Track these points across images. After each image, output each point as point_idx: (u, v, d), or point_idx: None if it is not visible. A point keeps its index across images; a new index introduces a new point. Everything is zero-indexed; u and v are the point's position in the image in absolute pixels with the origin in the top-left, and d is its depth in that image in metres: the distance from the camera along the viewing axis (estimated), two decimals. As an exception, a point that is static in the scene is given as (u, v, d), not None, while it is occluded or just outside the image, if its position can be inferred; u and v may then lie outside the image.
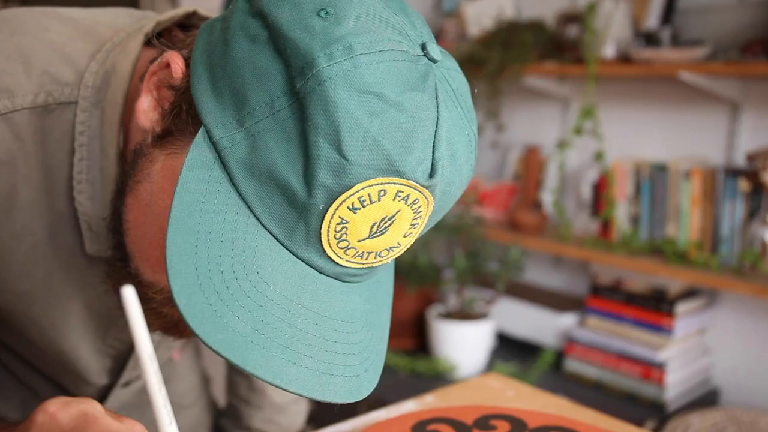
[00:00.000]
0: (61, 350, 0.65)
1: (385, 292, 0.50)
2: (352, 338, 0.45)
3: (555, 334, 2.05)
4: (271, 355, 0.40)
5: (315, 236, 0.42)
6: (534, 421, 0.62)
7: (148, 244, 0.50)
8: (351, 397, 0.43)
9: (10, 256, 0.57)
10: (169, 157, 0.48)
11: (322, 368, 0.42)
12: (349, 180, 0.40)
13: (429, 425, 0.61)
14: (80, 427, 0.34)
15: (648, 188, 1.88)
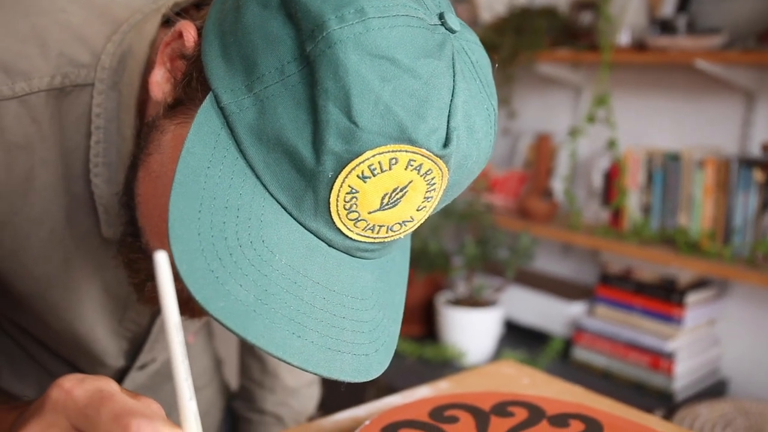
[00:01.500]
0: (78, 333, 0.65)
1: (399, 272, 0.49)
2: (361, 315, 0.43)
3: (563, 323, 2.04)
4: (275, 326, 0.39)
5: (324, 206, 0.41)
6: (552, 408, 0.62)
7: (158, 216, 0.49)
8: (359, 377, 0.42)
9: (28, 240, 0.56)
10: (178, 126, 0.47)
11: (329, 344, 0.41)
12: (359, 147, 0.39)
13: (446, 411, 0.61)
14: (95, 404, 0.34)
15: (660, 177, 1.86)
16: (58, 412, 0.34)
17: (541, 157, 2.13)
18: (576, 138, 2.00)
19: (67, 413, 0.34)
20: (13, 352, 0.75)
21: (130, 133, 0.55)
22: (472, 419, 0.59)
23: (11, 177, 0.53)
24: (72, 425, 0.34)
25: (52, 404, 0.34)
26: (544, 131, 2.21)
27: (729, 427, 1.55)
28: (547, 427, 0.59)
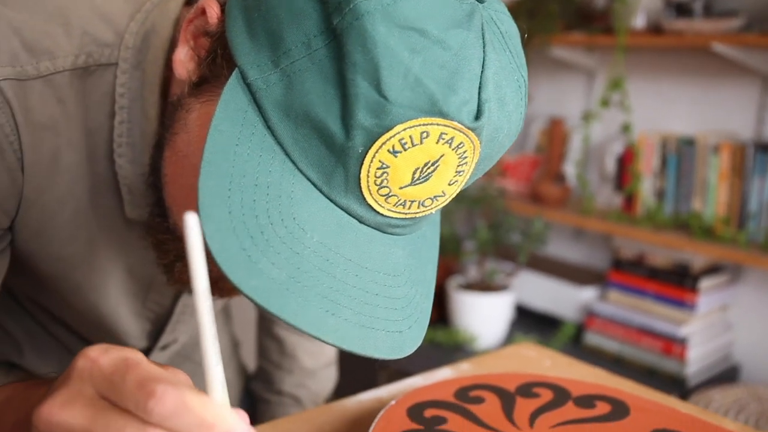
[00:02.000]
0: (102, 313, 0.65)
1: (430, 248, 0.49)
2: (394, 292, 0.43)
3: (575, 308, 2.04)
4: (309, 304, 0.38)
5: (354, 182, 0.41)
6: (577, 390, 0.62)
7: (186, 196, 0.49)
8: (393, 354, 0.41)
9: (53, 221, 0.56)
10: (204, 104, 0.47)
11: (363, 321, 0.40)
12: (389, 121, 0.38)
13: (471, 391, 0.60)
14: (121, 371, 0.33)
15: (674, 162, 1.85)
16: (84, 380, 0.34)
17: (554, 142, 2.12)
18: (589, 122, 1.99)
19: (93, 381, 0.34)
20: (36, 332, 0.75)
21: (154, 113, 0.54)
22: (498, 400, 0.59)
23: (37, 157, 0.53)
24: (98, 393, 0.34)
25: (78, 373, 0.34)
26: (556, 115, 2.20)
27: (742, 412, 1.55)
28: (573, 408, 0.58)
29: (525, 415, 0.57)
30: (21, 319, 0.75)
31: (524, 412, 0.57)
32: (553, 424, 0.55)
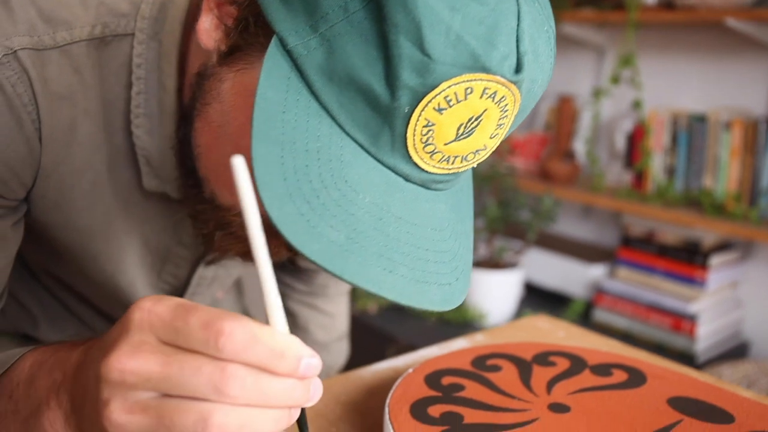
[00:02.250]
0: (119, 285, 0.66)
1: (467, 202, 0.50)
2: (441, 246, 0.44)
3: (584, 285, 2.04)
4: (368, 263, 0.40)
5: (400, 141, 0.41)
6: (593, 359, 0.62)
7: (224, 165, 0.49)
8: (446, 305, 0.43)
9: (71, 191, 0.56)
10: (239, 73, 0.47)
11: (417, 276, 0.42)
12: (434, 79, 0.39)
13: (488, 360, 0.61)
14: (182, 315, 0.34)
15: (685, 139, 1.84)
16: (144, 330, 0.34)
17: (563, 119, 2.11)
18: (599, 99, 1.97)
19: (153, 330, 0.34)
20: (50, 304, 0.76)
21: (171, 84, 0.54)
22: (515, 368, 0.59)
23: (55, 128, 0.53)
24: (160, 341, 0.34)
25: (137, 324, 0.35)
26: (566, 93, 2.19)
27: (752, 387, 1.55)
28: (590, 376, 0.59)
29: (542, 382, 0.57)
30: (36, 291, 0.75)
31: (541, 380, 0.57)
32: (571, 391, 0.56)
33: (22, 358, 0.45)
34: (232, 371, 0.33)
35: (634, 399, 0.55)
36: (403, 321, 2.00)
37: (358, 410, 0.59)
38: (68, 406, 0.40)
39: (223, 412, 0.33)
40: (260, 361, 0.34)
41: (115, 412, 0.34)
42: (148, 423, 0.34)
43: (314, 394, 0.36)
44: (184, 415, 0.33)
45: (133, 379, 0.34)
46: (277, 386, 0.34)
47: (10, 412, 0.43)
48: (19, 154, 0.51)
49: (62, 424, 0.40)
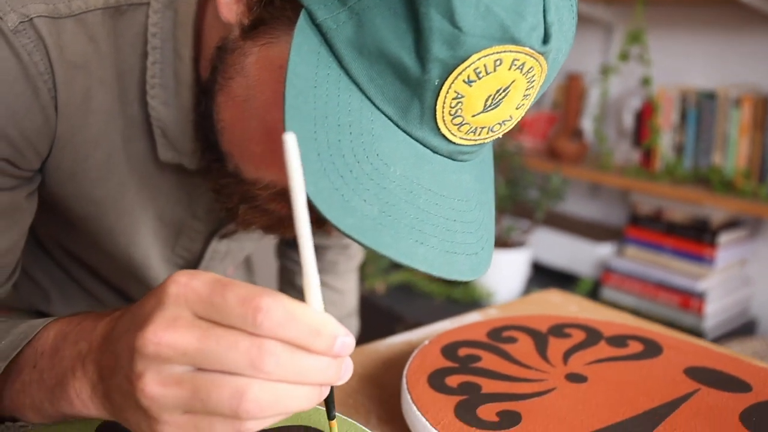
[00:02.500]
0: (133, 259, 0.66)
1: (488, 172, 0.50)
2: (468, 217, 0.44)
3: (591, 264, 2.04)
4: (400, 236, 0.40)
5: (430, 114, 0.41)
6: (608, 330, 0.62)
7: (249, 140, 0.49)
8: (473, 274, 0.43)
9: (86, 163, 0.56)
10: (264, 47, 0.46)
11: (446, 247, 0.42)
12: (465, 51, 0.39)
13: (504, 332, 0.61)
14: (219, 291, 0.34)
15: (694, 116, 1.83)
16: (180, 304, 0.34)
17: (571, 97, 2.09)
18: (607, 77, 1.96)
19: (189, 304, 0.34)
20: (63, 281, 0.76)
21: (187, 53, 0.54)
22: (531, 340, 0.59)
23: (70, 97, 0.52)
24: (196, 315, 0.34)
25: (173, 298, 0.35)
26: (573, 71, 2.17)
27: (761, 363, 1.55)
28: (606, 347, 0.59)
29: (559, 353, 0.57)
30: (48, 267, 0.75)
31: (558, 351, 0.57)
32: (588, 362, 0.56)
33: (45, 328, 0.45)
34: (268, 347, 0.33)
35: (651, 369, 0.55)
36: (411, 300, 2.00)
37: (374, 382, 0.59)
38: (95, 376, 0.40)
39: (257, 387, 0.34)
40: (297, 339, 0.34)
41: (149, 385, 0.34)
42: (183, 396, 0.34)
43: (345, 373, 0.36)
44: (219, 389, 0.34)
45: (169, 352, 0.34)
46: (311, 364, 0.34)
47: (34, 382, 0.43)
48: (35, 123, 0.51)
49: (89, 394, 0.40)
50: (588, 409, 0.48)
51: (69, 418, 0.43)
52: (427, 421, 0.46)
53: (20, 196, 0.54)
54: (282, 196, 0.51)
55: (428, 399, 0.49)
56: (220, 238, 0.68)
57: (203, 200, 0.64)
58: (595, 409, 0.48)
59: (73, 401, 0.41)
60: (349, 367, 0.36)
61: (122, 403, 0.37)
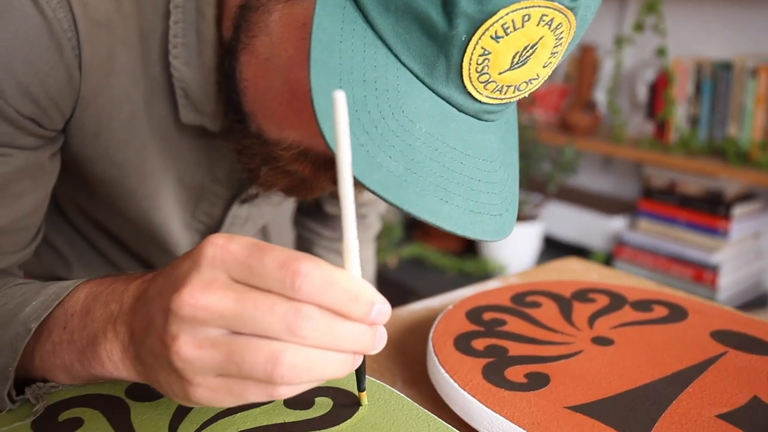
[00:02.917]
0: (153, 223, 0.65)
1: (513, 133, 0.49)
2: (492, 177, 0.44)
3: (604, 238, 2.03)
4: (425, 193, 0.40)
5: (456, 71, 0.41)
6: (632, 295, 0.62)
7: (272, 99, 0.48)
8: (498, 235, 0.43)
9: (110, 123, 0.56)
10: (288, 5, 0.46)
11: (471, 206, 0.42)
12: (492, 6, 0.38)
13: (527, 297, 0.60)
14: (257, 254, 0.33)
15: (709, 87, 1.81)
16: (216, 267, 0.34)
17: (584, 69, 2.07)
18: (622, 48, 1.94)
19: (226, 267, 0.34)
20: (83, 248, 0.76)
21: (210, 12, 0.53)
22: (555, 304, 0.59)
23: (94, 56, 0.52)
24: (233, 278, 0.34)
25: (210, 260, 0.34)
26: (587, 42, 2.15)
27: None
28: (631, 312, 0.58)
29: (584, 317, 0.57)
30: (69, 236, 0.75)
31: (583, 315, 0.57)
32: (613, 326, 0.55)
33: (75, 289, 0.44)
34: (306, 312, 0.33)
35: (677, 333, 0.55)
36: (423, 274, 2.01)
37: (397, 347, 0.59)
38: (126, 337, 0.40)
39: (293, 351, 0.33)
40: (334, 304, 0.34)
41: (184, 347, 0.34)
42: (217, 359, 0.34)
43: (379, 342, 0.36)
44: (255, 352, 0.33)
45: (205, 315, 0.34)
46: (347, 330, 0.34)
47: (65, 342, 0.43)
48: (59, 81, 0.50)
49: (120, 356, 0.40)
50: (616, 371, 0.48)
51: (99, 379, 0.43)
52: (455, 383, 0.46)
53: (44, 156, 0.53)
54: (304, 156, 0.51)
55: (455, 361, 0.49)
56: (240, 203, 0.67)
57: (224, 164, 0.63)
58: (623, 371, 0.48)
59: (104, 362, 0.41)
60: (383, 336, 0.36)
61: (154, 365, 0.37)
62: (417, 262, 2.06)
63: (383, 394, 0.45)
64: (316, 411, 0.43)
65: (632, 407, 0.44)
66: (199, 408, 0.43)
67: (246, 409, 0.42)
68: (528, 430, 0.41)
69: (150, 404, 0.43)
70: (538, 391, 0.45)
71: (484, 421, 0.44)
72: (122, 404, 0.43)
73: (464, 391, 0.45)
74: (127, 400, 0.44)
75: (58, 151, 0.56)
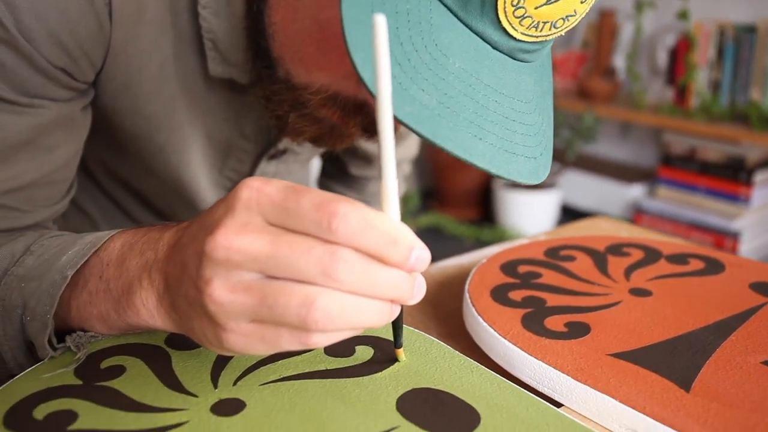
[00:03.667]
0: (182, 180, 0.65)
1: (548, 78, 0.48)
2: (527, 119, 0.43)
3: (622, 206, 2.02)
4: (458, 129, 0.39)
5: (491, 4, 0.40)
6: (667, 249, 0.61)
7: (301, 41, 0.48)
8: (532, 178, 0.42)
9: (139, 74, 0.55)
10: None
11: (505, 146, 0.41)
12: None
13: (561, 251, 0.60)
14: (293, 196, 0.33)
15: (732, 51, 1.78)
16: (252, 209, 0.33)
17: (603, 35, 2.04)
18: (642, 12, 1.91)
19: (261, 209, 0.33)
20: (113, 211, 0.76)
21: None
22: (589, 258, 0.59)
23: (124, 5, 0.51)
24: (268, 221, 0.33)
25: (245, 203, 0.34)
26: (606, 7, 2.11)
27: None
28: (667, 265, 0.58)
29: (619, 270, 0.56)
30: (95, 195, 0.75)
31: (618, 268, 0.57)
32: (650, 278, 0.55)
33: (111, 239, 0.44)
34: (342, 254, 0.32)
35: (716, 284, 0.54)
36: (440, 242, 2.00)
37: (430, 302, 0.58)
38: (161, 285, 0.39)
39: (328, 296, 0.32)
40: (372, 247, 0.32)
41: (218, 290, 0.33)
42: (251, 303, 0.33)
43: (418, 291, 0.35)
44: (289, 296, 0.32)
45: (240, 257, 0.33)
46: (385, 275, 0.33)
47: (101, 292, 0.43)
48: (89, 31, 0.50)
49: (155, 304, 0.40)
50: (657, 321, 0.48)
51: (135, 329, 0.43)
52: (495, 332, 0.46)
53: (76, 109, 0.53)
54: (333, 101, 0.50)
55: (493, 312, 0.48)
56: (268, 159, 0.67)
57: (252, 119, 0.63)
58: (664, 321, 0.48)
59: (139, 311, 0.41)
60: (422, 287, 0.35)
61: (188, 312, 0.36)
62: (434, 231, 2.06)
63: (424, 343, 0.45)
64: (357, 359, 0.43)
65: (676, 354, 0.43)
66: (241, 356, 0.42)
67: (288, 357, 0.42)
68: (572, 377, 0.41)
69: (191, 353, 0.43)
70: (580, 339, 0.45)
71: (526, 369, 0.43)
72: (163, 353, 0.43)
73: (505, 340, 0.45)
74: (167, 349, 0.44)
75: (89, 105, 0.56)
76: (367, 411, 0.37)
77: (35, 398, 0.38)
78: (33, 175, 0.52)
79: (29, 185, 0.52)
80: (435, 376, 0.41)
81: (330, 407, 0.37)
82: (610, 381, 0.41)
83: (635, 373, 0.41)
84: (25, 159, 0.51)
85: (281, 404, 0.38)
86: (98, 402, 0.38)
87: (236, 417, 0.36)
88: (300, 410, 0.37)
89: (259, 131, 0.64)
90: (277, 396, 0.38)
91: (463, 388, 0.40)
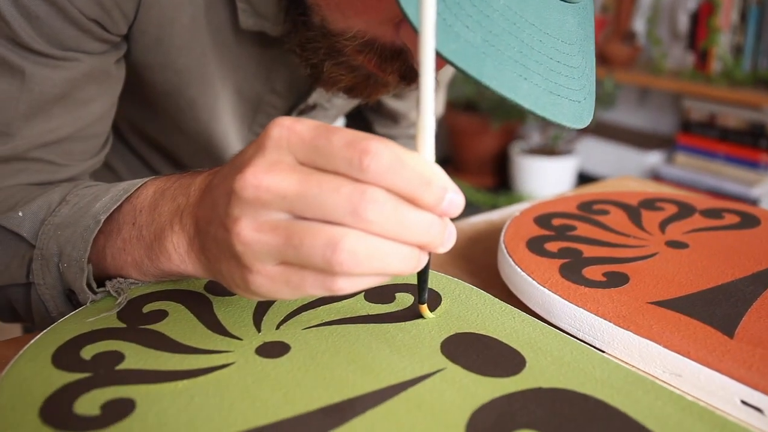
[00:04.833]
0: (212, 136, 0.65)
1: (590, 23, 0.47)
2: (571, 61, 0.42)
3: (640, 173, 2.01)
4: (503, 67, 0.38)
5: None
6: (701, 204, 0.61)
7: None
8: (577, 122, 0.41)
9: (171, 27, 0.55)
10: None
11: (550, 87, 0.40)
12: None
13: (594, 205, 0.60)
14: (324, 134, 0.32)
15: (756, 15, 1.75)
16: (282, 148, 0.33)
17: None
18: (664, -25, 1.87)
19: (291, 148, 0.33)
20: (142, 171, 0.76)
21: None
22: (623, 212, 0.58)
23: None
24: (298, 160, 0.33)
25: (275, 141, 0.33)
26: (626, -29, 2.08)
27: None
28: (701, 219, 0.57)
29: (654, 223, 0.56)
30: (123, 154, 0.75)
31: (653, 222, 0.56)
32: (685, 231, 0.54)
33: (143, 185, 0.44)
34: (372, 194, 0.31)
35: (752, 237, 0.54)
36: (457, 209, 2.00)
37: (462, 255, 0.58)
38: (192, 229, 0.39)
39: (355, 237, 0.32)
40: (404, 187, 0.32)
41: (245, 229, 0.33)
42: (276, 242, 0.33)
43: (448, 239, 0.34)
44: (315, 236, 0.32)
45: (268, 196, 0.33)
46: (415, 218, 0.32)
47: (134, 238, 0.43)
48: None
49: (186, 248, 0.40)
50: (695, 271, 0.47)
51: (168, 275, 0.43)
52: (534, 281, 0.46)
53: (109, 62, 0.53)
54: (369, 47, 0.49)
55: (530, 262, 0.48)
56: (297, 115, 0.66)
57: (282, 75, 0.62)
58: (703, 271, 0.47)
59: (170, 256, 0.41)
60: (452, 234, 0.34)
61: (217, 254, 0.36)
62: (450, 198, 2.05)
63: (464, 290, 0.45)
64: (398, 305, 0.43)
65: (716, 303, 0.43)
66: (281, 301, 0.43)
67: (329, 303, 0.42)
68: (614, 323, 0.41)
69: (231, 298, 0.43)
70: (619, 288, 0.45)
71: (566, 317, 0.43)
72: (204, 298, 0.43)
73: (544, 288, 0.45)
74: (208, 295, 0.44)
75: (122, 59, 0.56)
76: (411, 354, 0.37)
77: (82, 339, 0.38)
78: (68, 129, 0.52)
79: (65, 139, 0.52)
80: (477, 321, 0.41)
81: (375, 350, 0.38)
82: (652, 327, 0.40)
83: (677, 320, 0.41)
84: (61, 113, 0.51)
85: (325, 347, 0.38)
86: (144, 344, 0.38)
87: (282, 359, 0.37)
88: (345, 353, 0.37)
89: (289, 87, 0.63)
90: (321, 339, 0.39)
91: (507, 333, 0.40)
